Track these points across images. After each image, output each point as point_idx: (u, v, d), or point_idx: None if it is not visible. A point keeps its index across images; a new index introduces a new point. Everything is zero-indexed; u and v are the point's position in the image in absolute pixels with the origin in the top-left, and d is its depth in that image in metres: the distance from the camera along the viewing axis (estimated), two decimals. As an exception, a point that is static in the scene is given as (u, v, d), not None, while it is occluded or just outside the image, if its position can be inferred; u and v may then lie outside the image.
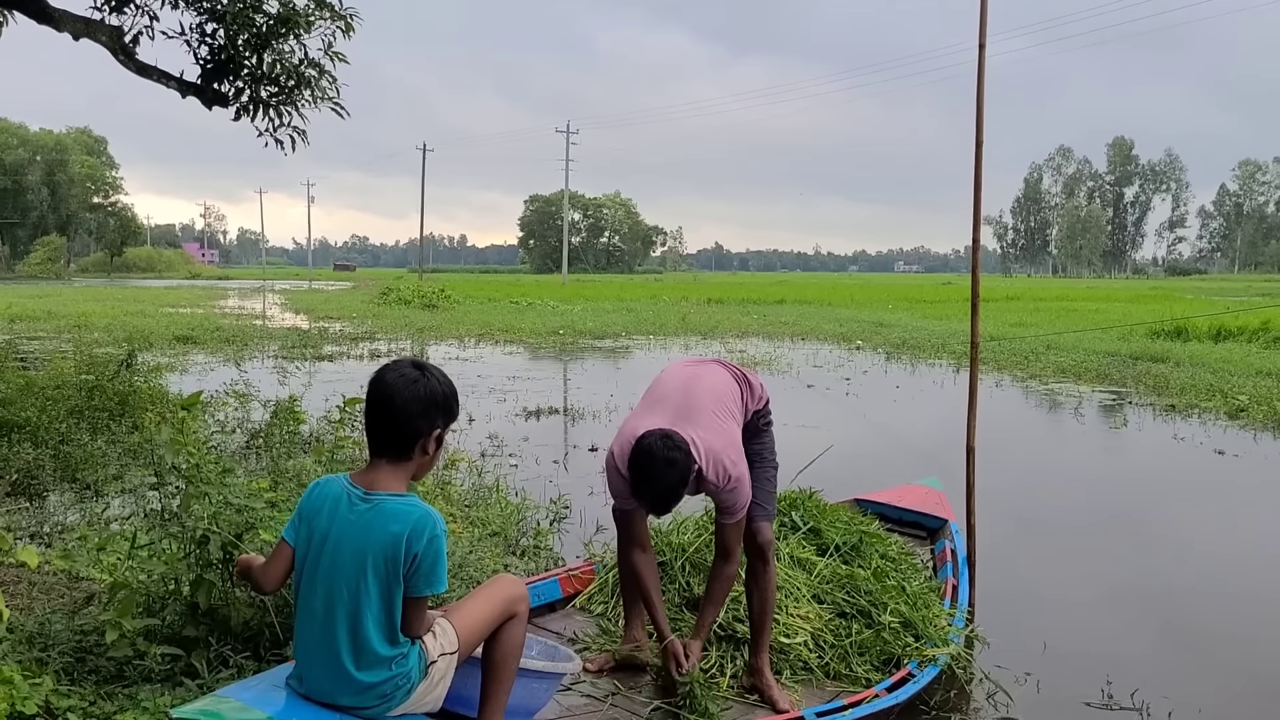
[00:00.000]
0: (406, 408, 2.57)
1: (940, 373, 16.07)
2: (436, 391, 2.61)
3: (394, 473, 2.60)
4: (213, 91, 8.70)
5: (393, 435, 2.59)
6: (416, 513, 2.52)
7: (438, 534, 2.50)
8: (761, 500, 3.72)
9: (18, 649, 3.51)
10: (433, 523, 2.51)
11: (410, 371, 2.62)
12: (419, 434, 2.58)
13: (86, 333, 20.26)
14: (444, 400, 2.63)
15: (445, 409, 2.64)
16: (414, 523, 2.50)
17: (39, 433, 7.40)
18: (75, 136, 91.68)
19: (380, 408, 2.59)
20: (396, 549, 2.47)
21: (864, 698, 3.52)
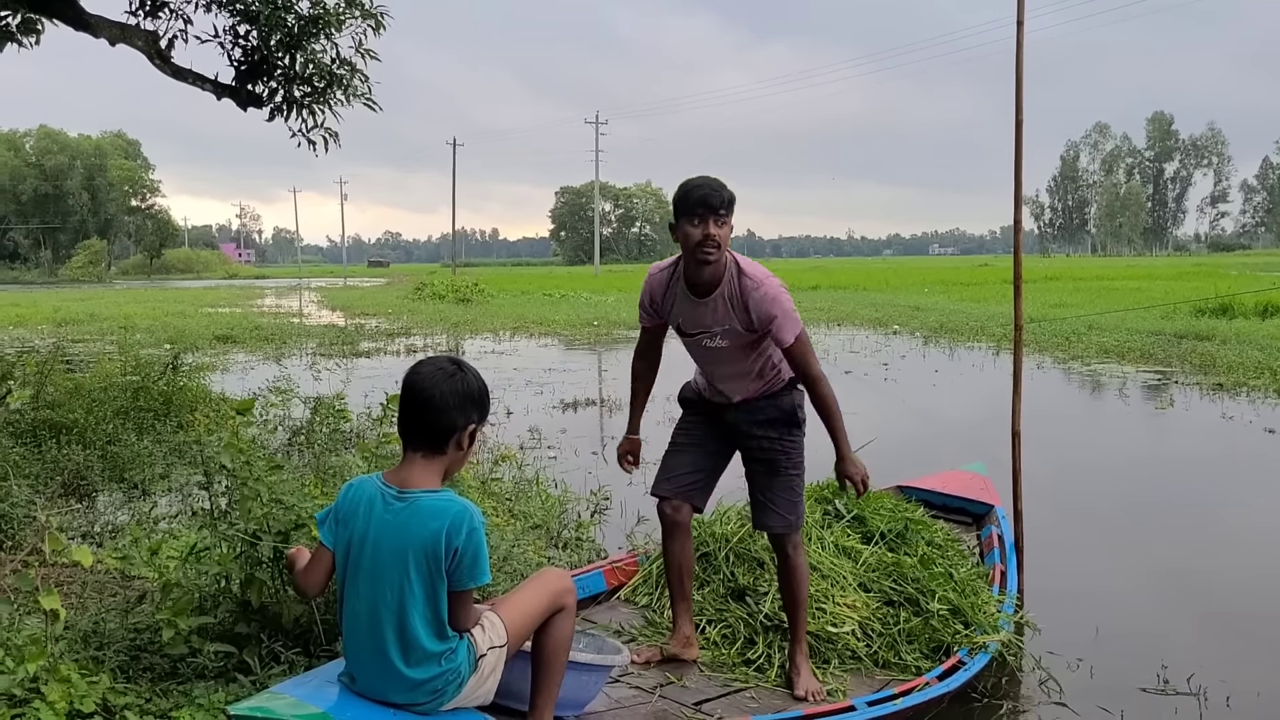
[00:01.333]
0: (444, 401, 2.57)
1: (980, 356, 15.91)
2: (474, 387, 2.63)
3: (428, 468, 2.61)
4: (247, 93, 8.78)
5: (428, 430, 2.60)
6: (455, 507, 2.53)
7: (476, 526, 2.51)
8: (785, 511, 3.67)
9: (74, 648, 3.57)
10: (470, 516, 2.51)
11: (447, 366, 2.63)
12: (454, 429, 2.59)
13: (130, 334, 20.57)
14: (480, 396, 2.65)
15: (480, 405, 2.65)
16: (452, 517, 2.51)
17: (87, 434, 7.51)
18: (112, 140, 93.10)
19: (416, 402, 2.60)
20: (437, 545, 2.48)
21: (915, 686, 3.49)
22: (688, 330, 3.63)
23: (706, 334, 3.56)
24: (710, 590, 4.20)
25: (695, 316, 3.56)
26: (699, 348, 3.65)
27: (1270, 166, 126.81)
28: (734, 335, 3.51)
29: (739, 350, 3.56)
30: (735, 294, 3.44)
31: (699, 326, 3.57)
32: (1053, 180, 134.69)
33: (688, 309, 3.58)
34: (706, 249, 3.37)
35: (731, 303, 3.46)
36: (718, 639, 3.93)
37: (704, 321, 3.54)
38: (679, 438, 3.89)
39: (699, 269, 3.45)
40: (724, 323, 3.49)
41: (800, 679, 3.59)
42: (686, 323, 3.61)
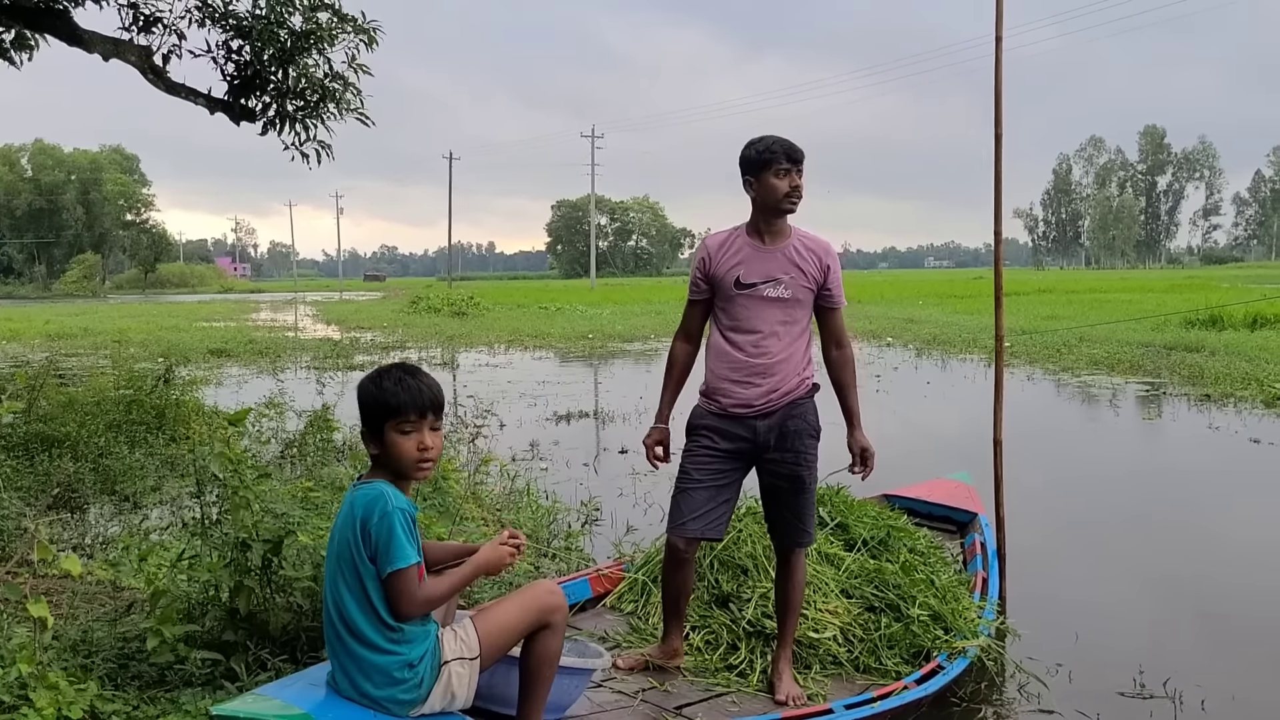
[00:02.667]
0: (360, 403, 2.73)
1: (971, 368, 15.99)
2: (361, 395, 2.72)
3: (374, 470, 2.72)
4: (240, 107, 8.85)
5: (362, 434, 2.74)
6: (372, 494, 2.57)
7: (389, 510, 2.53)
8: (809, 525, 3.78)
9: (63, 656, 3.61)
10: (385, 501, 2.54)
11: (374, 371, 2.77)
12: (364, 434, 2.71)
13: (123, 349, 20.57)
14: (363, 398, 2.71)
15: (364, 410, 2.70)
16: (366, 503, 2.55)
17: (79, 447, 7.55)
18: (108, 155, 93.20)
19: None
20: (355, 531, 2.54)
21: (893, 690, 3.54)
22: (748, 280, 3.64)
23: (771, 283, 3.62)
24: (695, 597, 4.24)
25: (762, 265, 3.64)
26: (756, 302, 3.64)
27: (1262, 179, 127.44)
28: (798, 286, 3.62)
29: (795, 309, 3.64)
30: (804, 245, 3.66)
31: (764, 275, 3.63)
32: (1046, 193, 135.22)
33: (754, 258, 3.65)
34: (793, 199, 3.60)
35: (804, 254, 3.64)
36: (701, 644, 3.98)
37: (771, 270, 3.63)
38: (693, 473, 3.75)
39: (776, 220, 3.65)
40: (791, 270, 3.62)
41: (782, 684, 3.63)
42: (750, 272, 3.64)
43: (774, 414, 3.65)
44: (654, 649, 3.85)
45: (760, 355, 3.66)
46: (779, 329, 3.64)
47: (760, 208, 3.65)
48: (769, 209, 3.62)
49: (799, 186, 3.60)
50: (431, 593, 2.60)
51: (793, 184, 3.58)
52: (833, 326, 3.77)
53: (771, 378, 3.65)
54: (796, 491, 3.70)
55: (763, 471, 3.74)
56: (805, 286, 3.63)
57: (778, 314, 3.64)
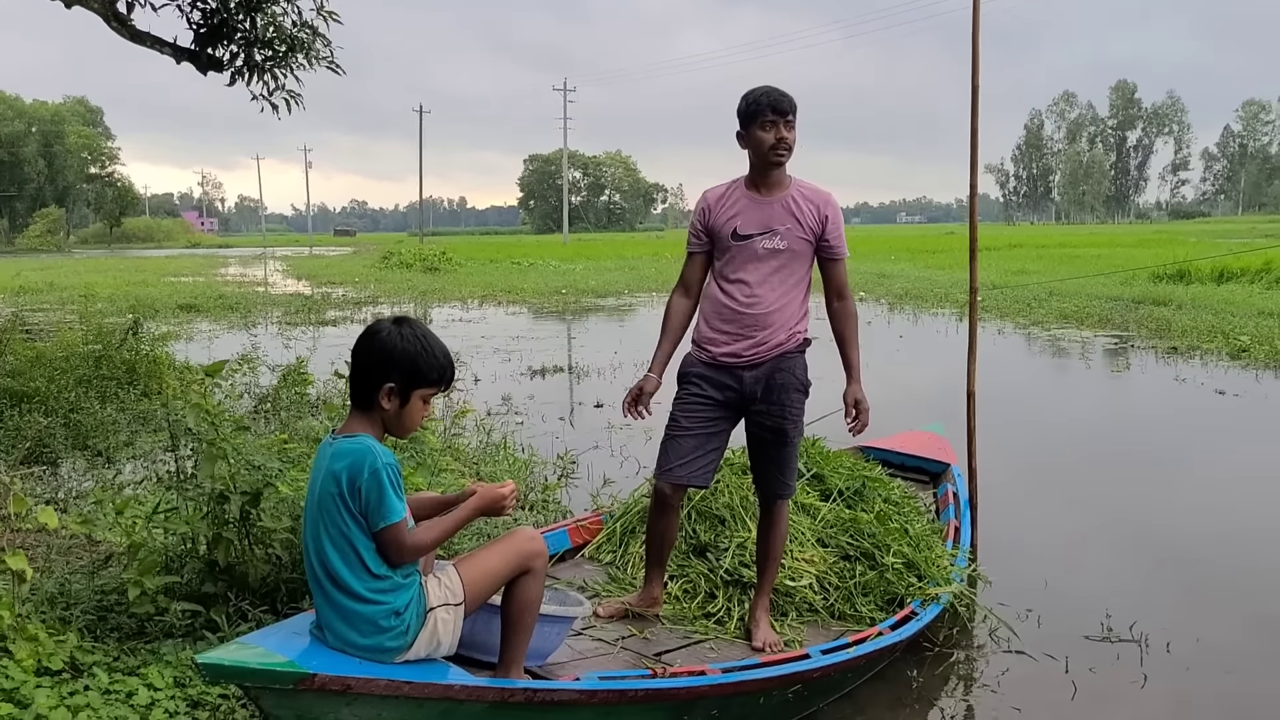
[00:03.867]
0: (361, 356, 2.66)
1: (944, 322, 16.11)
2: (396, 346, 2.63)
3: (359, 419, 2.67)
4: (207, 56, 8.65)
5: (353, 379, 2.69)
6: (358, 449, 2.54)
7: (379, 467, 2.52)
8: (790, 478, 3.77)
9: (41, 609, 3.60)
10: (374, 457, 2.53)
11: (383, 324, 2.69)
12: (373, 384, 2.63)
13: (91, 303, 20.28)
14: (403, 357, 2.63)
15: (402, 366, 2.63)
16: (353, 458, 2.53)
17: (49, 402, 7.47)
18: (71, 107, 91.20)
19: (352, 353, 2.70)
20: (339, 486, 2.52)
21: (868, 635, 3.60)
22: (745, 231, 3.63)
23: (767, 234, 3.60)
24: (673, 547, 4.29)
25: (759, 216, 3.62)
26: (752, 253, 3.63)
27: (1231, 135, 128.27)
28: (794, 238, 3.59)
29: (791, 261, 3.61)
30: (802, 196, 3.62)
31: (761, 226, 3.61)
32: (1018, 149, 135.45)
33: (750, 209, 3.64)
34: (779, 151, 3.57)
35: (802, 204, 3.60)
36: (679, 593, 4.02)
37: (767, 220, 3.61)
38: (682, 420, 3.75)
39: (769, 171, 3.62)
40: (789, 222, 3.59)
41: (759, 631, 3.68)
42: (746, 223, 3.63)
43: (761, 366, 3.65)
44: (634, 597, 3.89)
45: (752, 306, 3.65)
46: (773, 280, 3.62)
47: (752, 160, 3.65)
48: (760, 161, 3.61)
49: (785, 139, 3.55)
50: (421, 540, 2.62)
51: (779, 136, 3.54)
52: (834, 278, 3.74)
53: (762, 330, 3.64)
54: (779, 444, 3.70)
55: (749, 422, 3.75)
56: (802, 238, 3.61)
57: (773, 265, 3.62)
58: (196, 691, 3.17)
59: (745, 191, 3.68)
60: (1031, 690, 3.73)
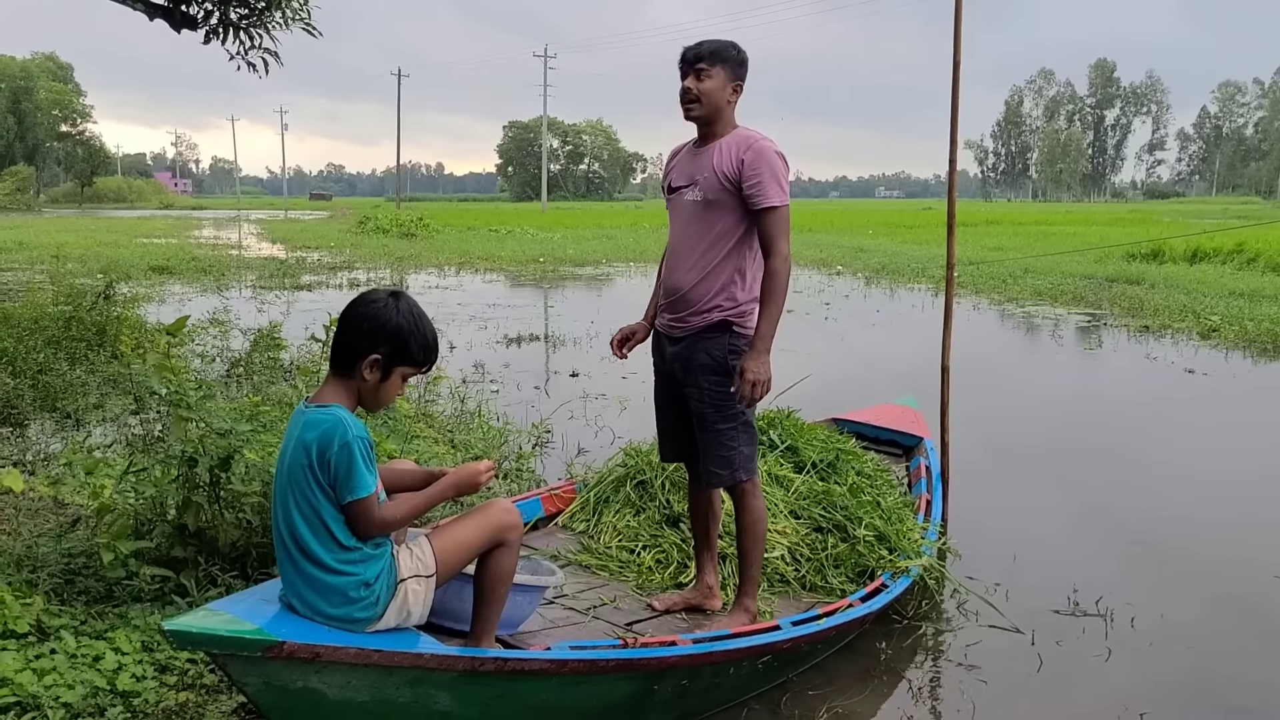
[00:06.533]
0: (355, 323, 2.60)
1: (920, 297, 16.17)
2: (389, 320, 2.59)
3: (335, 387, 2.62)
4: (181, 14, 8.49)
5: (337, 346, 2.63)
6: (329, 420, 2.50)
7: (349, 440, 2.48)
8: (716, 466, 3.48)
9: (6, 571, 3.56)
10: (344, 429, 2.49)
11: (379, 294, 2.64)
12: (357, 352, 2.58)
13: (61, 264, 20.00)
14: (395, 332, 2.59)
15: (393, 341, 2.59)
16: (324, 429, 2.49)
17: (17, 363, 7.37)
18: (40, 63, 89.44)
19: (339, 319, 2.65)
20: (309, 457, 2.48)
21: (838, 607, 3.63)
22: (675, 183, 3.53)
23: (690, 186, 3.45)
24: (646, 517, 4.30)
25: (688, 168, 3.49)
26: (680, 207, 3.50)
27: (1207, 116, 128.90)
28: (711, 186, 3.36)
29: (708, 214, 3.39)
30: (733, 144, 3.38)
31: (687, 178, 3.47)
32: (997, 125, 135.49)
33: (684, 162, 3.54)
34: (685, 104, 3.42)
35: (725, 150, 3.38)
36: (651, 564, 4.03)
37: (692, 172, 3.46)
38: (656, 399, 3.73)
39: (697, 126, 3.48)
40: (708, 170, 3.38)
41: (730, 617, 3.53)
42: (677, 176, 3.53)
43: (682, 341, 3.49)
44: (690, 590, 3.77)
45: (672, 269, 3.51)
46: (694, 239, 3.42)
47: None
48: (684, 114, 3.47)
49: (688, 89, 3.39)
50: (391, 515, 2.58)
51: (684, 87, 3.40)
52: (761, 231, 3.36)
53: (678, 296, 3.46)
54: (699, 427, 3.51)
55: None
56: (720, 186, 3.35)
57: (694, 219, 3.43)
58: (164, 656, 3.16)
59: (689, 146, 3.58)
60: (998, 662, 3.77)
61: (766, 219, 3.35)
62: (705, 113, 3.42)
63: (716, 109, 3.41)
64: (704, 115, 3.43)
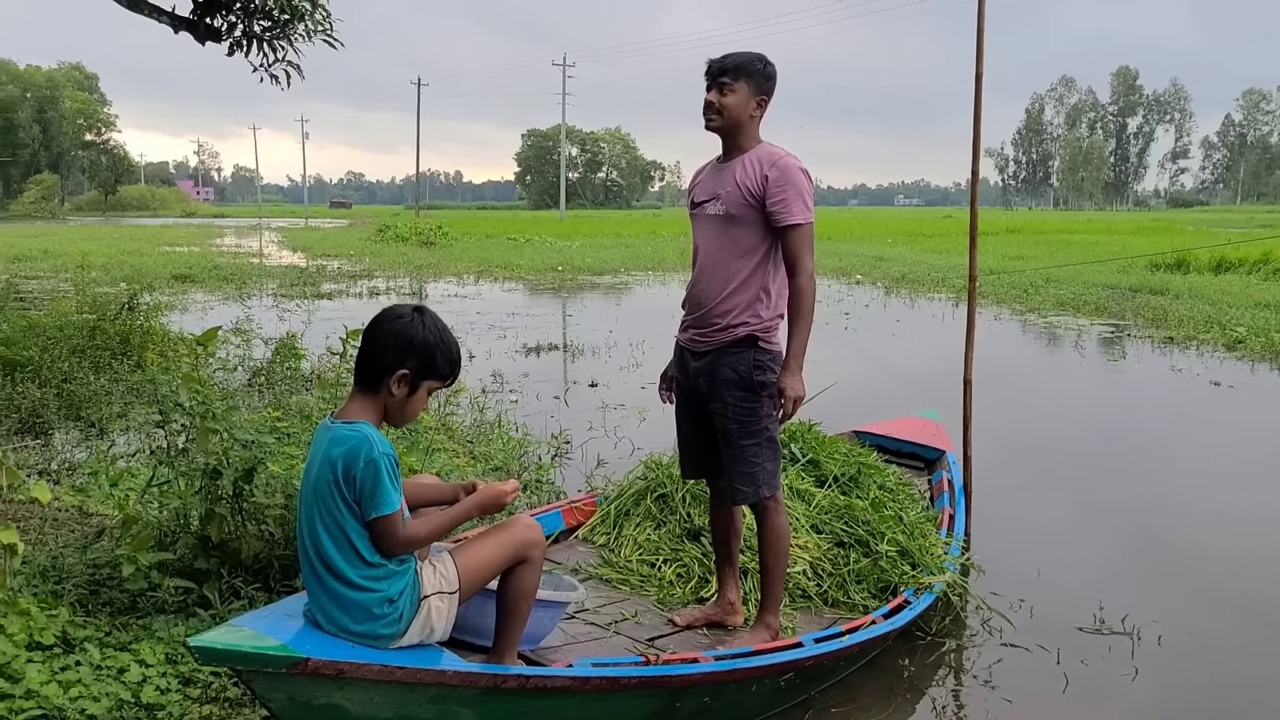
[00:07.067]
0: (382, 340, 2.61)
1: (940, 306, 16.10)
2: (415, 335, 2.61)
3: (361, 404, 2.63)
4: (205, 26, 8.55)
5: (362, 363, 2.64)
6: (355, 437, 2.51)
7: (375, 456, 2.49)
8: (741, 483, 3.45)
9: (32, 582, 3.58)
10: (370, 445, 2.50)
11: (404, 309, 2.66)
12: (385, 368, 2.59)
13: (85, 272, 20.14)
14: (422, 346, 2.61)
15: (420, 355, 2.61)
16: (350, 446, 2.50)
17: (42, 372, 7.43)
18: (66, 73, 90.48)
19: (363, 337, 2.65)
20: (335, 473, 2.49)
21: (861, 624, 3.60)
22: (699, 198, 3.52)
23: (712, 200, 3.44)
24: (667, 530, 4.29)
25: (711, 183, 3.49)
26: (702, 222, 3.50)
27: (1231, 124, 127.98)
28: (734, 201, 3.36)
29: (731, 228, 3.38)
30: (756, 160, 3.38)
31: (709, 193, 3.47)
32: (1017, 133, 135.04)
33: (708, 178, 3.53)
34: (707, 115, 3.42)
35: (749, 166, 3.37)
36: (673, 577, 4.02)
37: (715, 187, 3.45)
38: (678, 414, 3.73)
39: (721, 138, 3.47)
40: (730, 185, 3.38)
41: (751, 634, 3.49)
42: (701, 191, 3.53)
43: (705, 356, 3.46)
44: (711, 605, 3.75)
45: (695, 283, 3.50)
46: (718, 254, 3.42)
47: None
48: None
49: (710, 103, 3.39)
50: (415, 533, 2.59)
51: (706, 100, 3.40)
52: (785, 248, 3.37)
53: (703, 311, 3.45)
54: (724, 443, 3.47)
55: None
56: (744, 202, 3.34)
57: (717, 234, 3.43)
58: (188, 669, 3.16)
59: (713, 162, 3.58)
60: (1023, 681, 3.73)
61: (791, 236, 3.35)
62: (725, 126, 3.42)
63: (738, 123, 3.41)
64: (724, 128, 3.43)
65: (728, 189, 3.40)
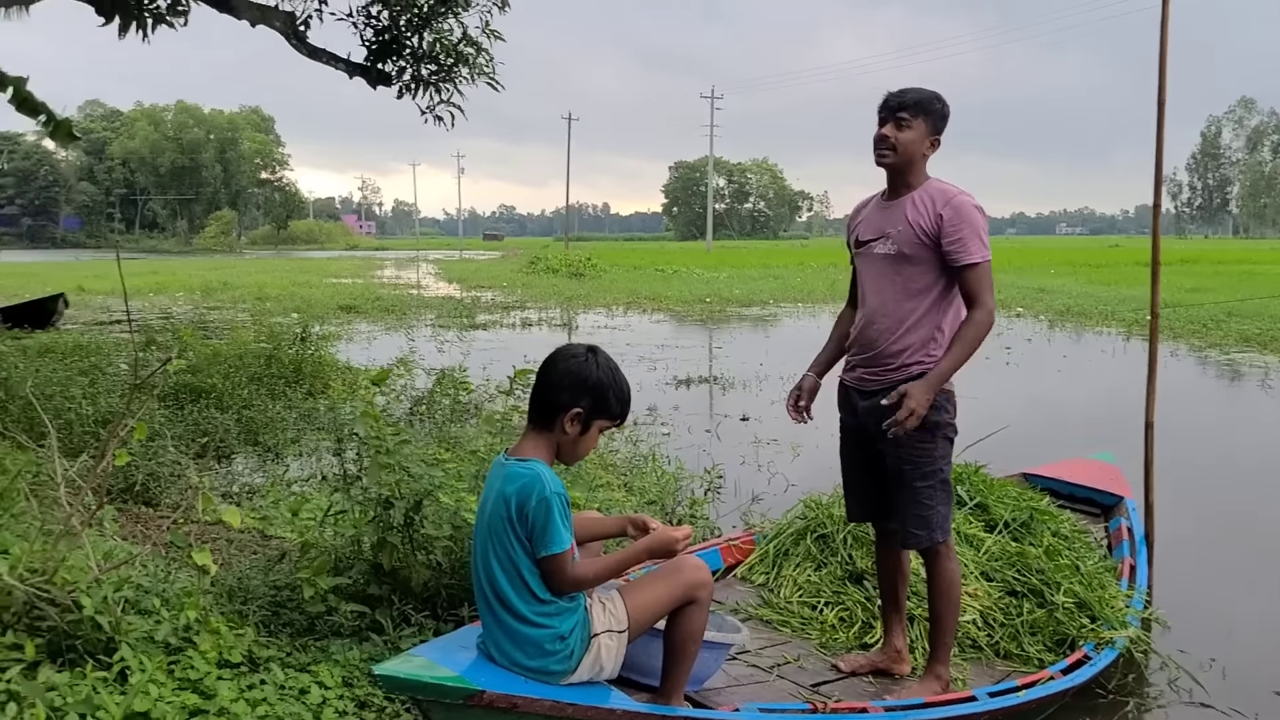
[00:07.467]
0: (557, 379, 2.66)
1: (1109, 341, 15.33)
2: (590, 374, 2.66)
3: (535, 441, 2.68)
4: (377, 71, 9.02)
5: (536, 401, 2.70)
6: (528, 475, 2.56)
7: (548, 496, 2.52)
8: (914, 526, 3.35)
9: (220, 602, 3.77)
10: (542, 485, 2.53)
11: (578, 349, 2.70)
12: (559, 406, 2.64)
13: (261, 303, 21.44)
14: (595, 385, 2.66)
15: (593, 394, 2.66)
16: (523, 483, 2.54)
17: (224, 398, 7.90)
18: (245, 115, 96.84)
19: (537, 376, 2.71)
20: (509, 510, 2.54)
21: (1039, 679, 3.43)
22: (864, 237, 3.45)
23: (881, 239, 3.38)
24: (828, 572, 4.20)
25: (878, 221, 3.42)
26: (869, 261, 3.42)
27: None
28: (906, 240, 3.30)
29: (904, 267, 3.32)
30: (928, 198, 3.31)
31: (877, 231, 3.40)
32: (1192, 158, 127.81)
33: (874, 215, 3.46)
34: (879, 150, 3.35)
35: (920, 205, 3.31)
36: (835, 621, 3.93)
37: (883, 225, 3.39)
38: (842, 455, 3.66)
39: (889, 174, 3.40)
40: (900, 224, 3.32)
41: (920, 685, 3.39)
42: (866, 229, 3.46)
43: (876, 395, 3.36)
44: (876, 652, 3.67)
45: (866, 323, 3.41)
46: (888, 290, 3.35)
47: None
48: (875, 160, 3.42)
49: (885, 137, 3.31)
50: (584, 574, 2.62)
51: (880, 134, 3.33)
52: (963, 287, 3.29)
53: (873, 351, 3.38)
54: (897, 486, 3.38)
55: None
56: (917, 241, 3.28)
57: (888, 274, 3.35)
58: (363, 692, 3.27)
59: (879, 198, 3.50)
60: (1217, 749, 3.48)
61: (969, 275, 3.28)
62: (898, 162, 3.34)
63: (910, 160, 3.34)
64: (896, 164, 3.35)
65: (899, 228, 3.33)
